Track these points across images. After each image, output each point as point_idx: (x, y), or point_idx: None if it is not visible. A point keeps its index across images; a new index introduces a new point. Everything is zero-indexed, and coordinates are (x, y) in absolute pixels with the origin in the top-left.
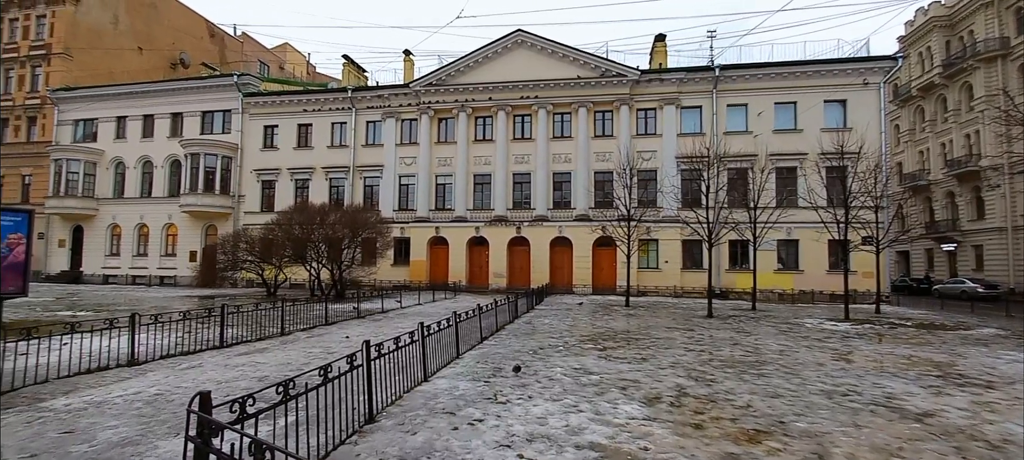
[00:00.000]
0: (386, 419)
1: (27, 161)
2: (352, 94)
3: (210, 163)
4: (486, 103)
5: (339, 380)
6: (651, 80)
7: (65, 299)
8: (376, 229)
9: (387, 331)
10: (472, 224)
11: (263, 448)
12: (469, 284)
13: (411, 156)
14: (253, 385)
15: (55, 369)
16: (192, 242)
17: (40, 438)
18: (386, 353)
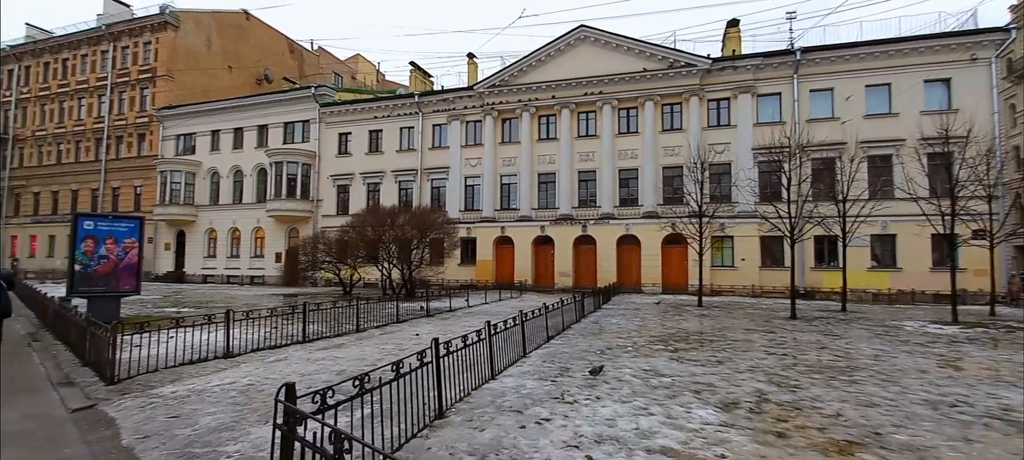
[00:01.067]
0: (455, 415)
1: (139, 173)
2: (419, 99)
3: (292, 170)
4: (549, 102)
5: (410, 376)
6: (724, 68)
7: (171, 297)
8: (443, 230)
9: (455, 329)
10: (537, 223)
11: (341, 438)
12: (535, 283)
13: (476, 157)
14: (332, 378)
15: (163, 360)
16: (277, 244)
17: (151, 421)
18: (454, 351)
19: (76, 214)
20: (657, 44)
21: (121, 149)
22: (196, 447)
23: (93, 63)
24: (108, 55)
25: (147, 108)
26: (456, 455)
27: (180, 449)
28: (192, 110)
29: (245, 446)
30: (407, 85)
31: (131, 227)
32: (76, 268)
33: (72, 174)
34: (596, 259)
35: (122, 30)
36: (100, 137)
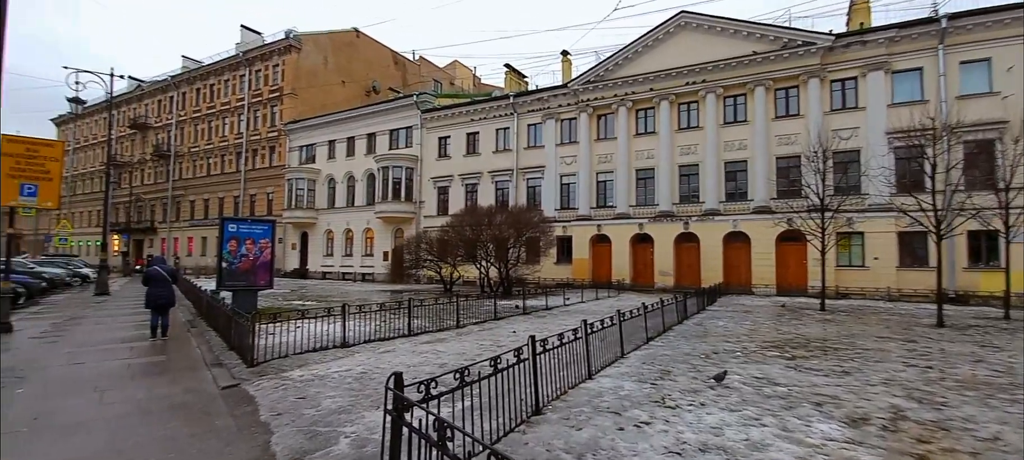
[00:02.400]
0: (552, 412)
1: (270, 181)
2: (513, 100)
3: (397, 174)
4: (647, 94)
5: (508, 372)
6: (849, 44)
7: (296, 291)
8: (539, 228)
9: (551, 327)
10: (635, 221)
11: (444, 426)
12: (633, 283)
13: (571, 155)
14: (435, 370)
15: (292, 347)
16: (385, 243)
17: (283, 401)
18: (550, 349)
19: (222, 218)
20: (769, 24)
21: (256, 160)
22: (319, 426)
23: (233, 86)
24: (245, 79)
25: (276, 123)
26: (553, 453)
27: (306, 427)
28: (312, 123)
29: (360, 428)
30: (502, 87)
31: (265, 229)
32: (223, 265)
33: (218, 184)
34: (699, 258)
35: (255, 56)
36: (239, 151)
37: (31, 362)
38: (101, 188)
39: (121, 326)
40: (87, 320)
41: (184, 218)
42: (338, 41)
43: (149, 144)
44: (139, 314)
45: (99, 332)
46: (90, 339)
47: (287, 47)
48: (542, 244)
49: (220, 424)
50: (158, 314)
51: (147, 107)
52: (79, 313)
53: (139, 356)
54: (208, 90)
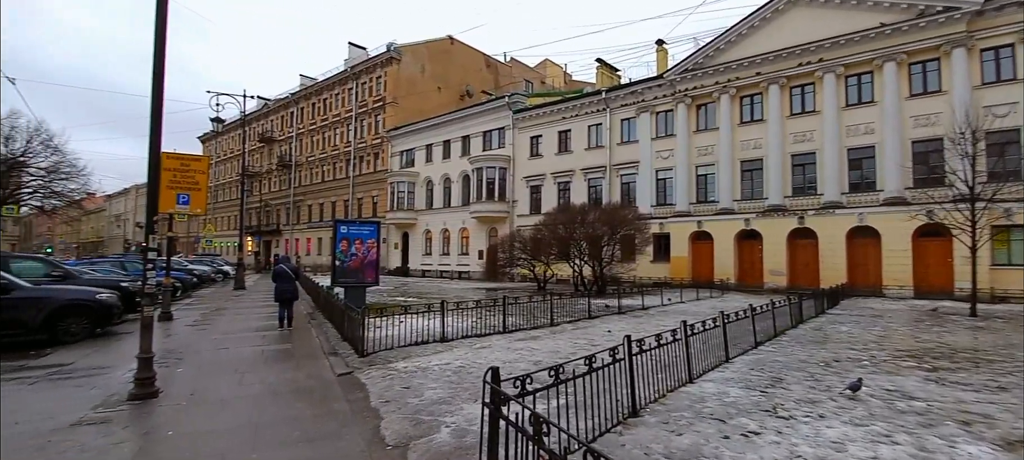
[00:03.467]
0: (649, 416)
1: (375, 185)
2: (606, 95)
3: (490, 175)
4: (753, 80)
5: (603, 371)
6: (1004, 6)
7: (399, 288)
8: (634, 226)
9: (648, 328)
10: (740, 216)
11: (540, 421)
12: (739, 282)
13: (667, 149)
14: (529, 367)
15: (396, 340)
16: (480, 242)
17: (390, 389)
18: (648, 349)
19: (335, 221)
20: None
21: (362, 166)
22: (423, 415)
23: (342, 99)
24: (352, 91)
25: (379, 131)
26: (652, 456)
27: (411, 415)
28: (411, 129)
29: (460, 419)
30: (594, 83)
31: (371, 230)
32: (336, 263)
33: (330, 189)
34: (817, 255)
35: (361, 69)
36: (348, 158)
37: (187, 346)
38: (237, 196)
39: (255, 317)
40: (228, 312)
41: (303, 221)
42: (434, 49)
43: (274, 155)
44: (269, 306)
45: (238, 322)
46: (231, 328)
47: (388, 59)
48: (638, 242)
49: (337, 407)
50: (284, 307)
51: (272, 122)
52: (222, 305)
53: (269, 344)
54: (322, 104)
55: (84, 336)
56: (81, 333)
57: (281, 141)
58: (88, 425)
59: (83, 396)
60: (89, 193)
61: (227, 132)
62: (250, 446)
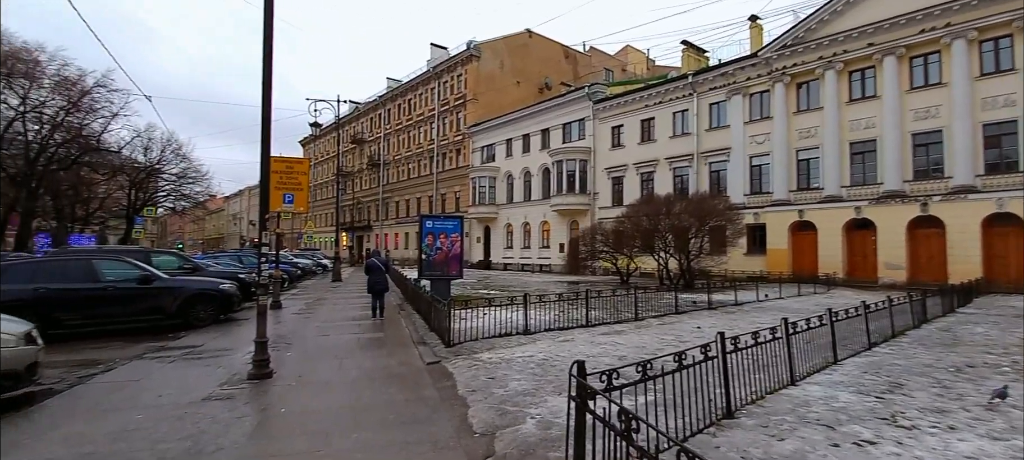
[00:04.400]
0: (746, 418)
1: (457, 181)
2: (692, 79)
3: (570, 167)
4: (864, 52)
5: (693, 369)
6: None
7: (482, 281)
8: (725, 216)
9: (742, 325)
10: (849, 204)
11: (629, 417)
12: (848, 277)
13: (763, 133)
14: (614, 362)
15: (480, 331)
16: (560, 235)
17: (476, 379)
18: (744, 348)
19: (421, 216)
20: None
21: (445, 163)
22: (508, 406)
23: (425, 99)
24: (435, 91)
25: (460, 128)
26: None
27: (497, 405)
28: (491, 124)
29: (544, 411)
30: (679, 67)
31: (455, 224)
32: (422, 257)
33: (415, 186)
34: (945, 247)
35: (443, 69)
36: (432, 155)
37: (294, 333)
38: (333, 194)
39: (351, 307)
40: (327, 302)
41: (392, 217)
42: (512, 44)
43: (365, 155)
44: (362, 298)
45: (336, 311)
46: (330, 317)
47: (468, 57)
48: (729, 234)
49: (427, 394)
50: (376, 298)
51: (363, 124)
52: (322, 296)
53: (364, 332)
54: (406, 104)
55: (210, 321)
56: (208, 319)
57: (371, 142)
58: (216, 400)
59: (211, 374)
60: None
61: (323, 135)
62: (351, 425)
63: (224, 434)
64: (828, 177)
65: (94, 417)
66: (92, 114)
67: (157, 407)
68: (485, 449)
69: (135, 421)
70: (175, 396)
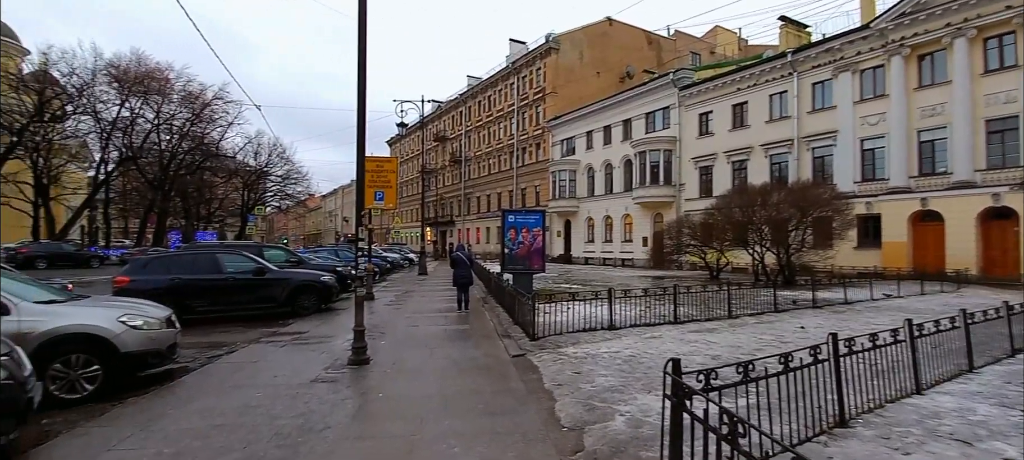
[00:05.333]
0: (863, 427)
1: (536, 175)
2: (792, 58)
3: (654, 158)
4: (1002, 15)
5: (801, 372)
6: None
7: (563, 275)
8: (831, 206)
9: (853, 326)
10: (985, 190)
11: (734, 420)
12: (982, 274)
13: (876, 113)
14: (707, 362)
15: (564, 326)
16: (644, 229)
17: (561, 373)
18: (859, 351)
19: (503, 211)
20: None
21: (525, 157)
22: (595, 401)
23: (505, 94)
24: (514, 86)
25: (540, 122)
26: None
27: (584, 400)
28: (570, 117)
29: (634, 409)
30: (776, 45)
31: (537, 218)
32: (505, 251)
33: (496, 181)
34: None
35: (521, 64)
36: (512, 150)
37: (386, 323)
38: (417, 191)
39: (437, 300)
40: (415, 294)
41: (473, 212)
42: (592, 34)
43: (447, 152)
44: (448, 291)
45: (424, 303)
46: (419, 308)
47: (547, 50)
48: (836, 225)
49: (513, 386)
50: (461, 291)
51: (445, 122)
52: (410, 288)
53: (450, 324)
54: (487, 101)
55: (313, 310)
56: (311, 308)
57: (452, 139)
58: (322, 383)
59: (316, 359)
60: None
61: (408, 135)
62: (442, 412)
63: (330, 414)
64: (957, 160)
65: (222, 393)
66: (211, 124)
67: (273, 386)
68: (574, 444)
69: (256, 398)
70: (287, 377)
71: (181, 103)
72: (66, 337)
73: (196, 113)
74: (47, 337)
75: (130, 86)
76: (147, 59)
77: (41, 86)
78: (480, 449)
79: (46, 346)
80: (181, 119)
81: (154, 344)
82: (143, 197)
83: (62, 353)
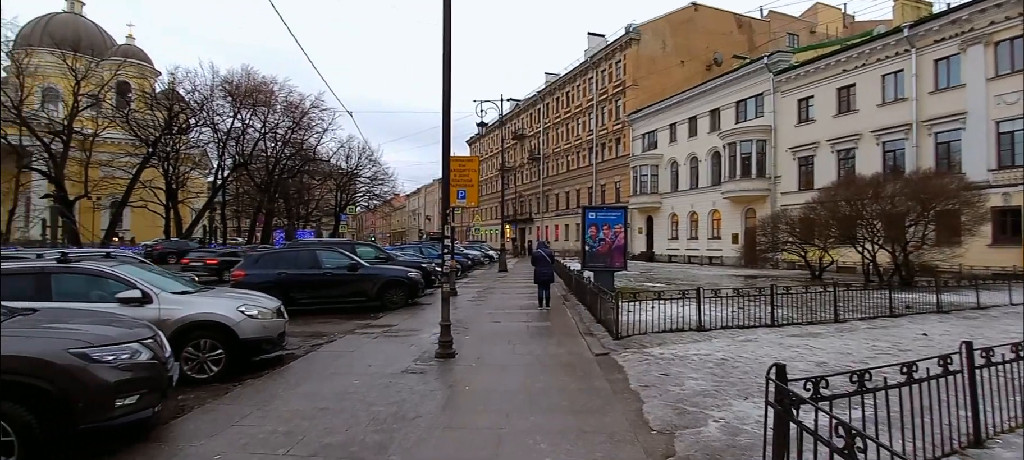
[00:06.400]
0: (1003, 449)
1: (616, 171)
2: (909, 33)
3: (745, 149)
4: None
5: (927, 384)
6: None
7: (645, 273)
8: (958, 198)
9: (988, 334)
10: None
11: (852, 433)
12: None
13: (1015, 91)
14: (811, 368)
15: (648, 325)
16: (733, 225)
17: (648, 374)
18: (999, 362)
19: (583, 208)
20: None
21: (604, 153)
22: (686, 405)
23: (583, 89)
24: (592, 80)
25: (620, 116)
26: None
27: (673, 403)
28: (652, 109)
29: (729, 416)
30: (889, 20)
31: (618, 215)
32: (585, 248)
33: (574, 178)
34: None
35: (600, 57)
36: (591, 146)
37: (469, 318)
38: (497, 189)
39: (518, 296)
40: (496, 291)
41: (552, 209)
42: (675, 21)
43: (525, 150)
44: (528, 288)
45: (505, 300)
46: (500, 304)
47: (627, 41)
48: (965, 220)
49: (597, 385)
50: (542, 288)
51: (523, 120)
52: (491, 285)
53: (532, 320)
54: (564, 97)
55: (401, 305)
56: (399, 302)
57: (530, 136)
58: (412, 374)
59: (405, 351)
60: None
61: (487, 134)
62: (527, 408)
63: (421, 404)
64: None
65: (324, 379)
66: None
67: (368, 375)
68: (665, 448)
69: (353, 385)
70: (380, 367)
71: (283, 112)
72: (197, 324)
73: (296, 121)
74: (182, 323)
75: (241, 99)
76: (255, 74)
77: (170, 102)
78: (567, 447)
79: (181, 331)
80: (284, 127)
81: (267, 332)
82: (252, 199)
83: (193, 338)
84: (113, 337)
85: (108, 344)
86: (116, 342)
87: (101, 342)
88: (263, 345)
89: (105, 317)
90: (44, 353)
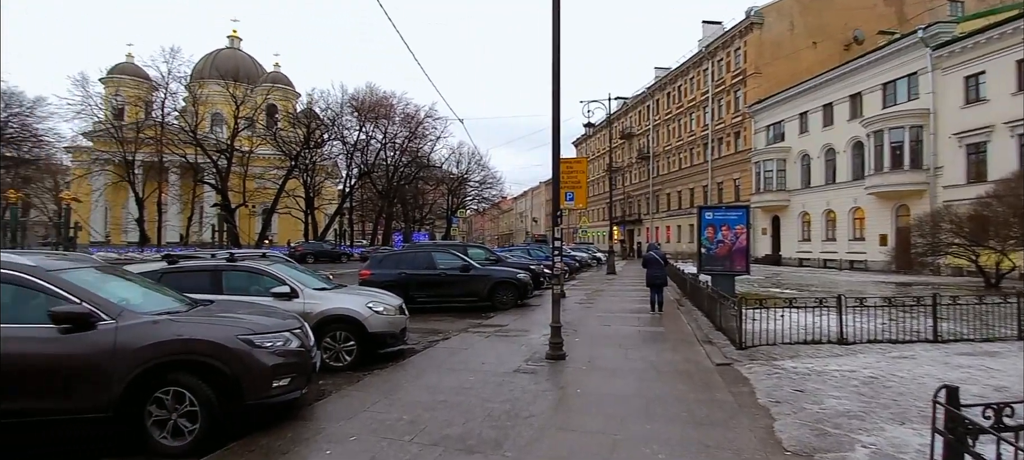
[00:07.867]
0: None
1: (736, 167)
2: None
3: (895, 137)
4: None
5: None
6: None
7: (771, 278)
8: None
9: None
10: None
11: None
12: None
13: None
14: (987, 393)
15: (778, 335)
16: (881, 225)
17: (779, 389)
18: None
19: (700, 207)
20: None
21: (721, 149)
22: (826, 426)
23: (697, 82)
24: (707, 72)
25: (740, 108)
26: None
27: (811, 423)
28: (779, 99)
29: (881, 441)
30: None
31: (739, 215)
32: (702, 251)
33: (688, 176)
34: None
35: (716, 46)
36: (706, 142)
37: (579, 321)
38: (604, 190)
39: (628, 300)
40: (605, 293)
41: (662, 210)
42: None
43: (634, 149)
44: (638, 291)
45: (615, 303)
46: (609, 307)
47: (747, 26)
48: None
49: (720, 397)
50: (655, 292)
51: (631, 119)
52: (599, 287)
53: (644, 325)
54: (676, 92)
55: (511, 305)
56: (509, 303)
57: (639, 135)
58: (523, 374)
59: (517, 351)
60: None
61: (594, 134)
62: (643, 415)
63: (533, 403)
64: None
65: (442, 373)
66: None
67: (482, 372)
68: None
69: (469, 381)
70: (493, 366)
71: (401, 123)
72: (334, 317)
73: (412, 131)
74: (322, 316)
75: (365, 113)
76: (377, 89)
77: (308, 120)
78: None
79: (320, 324)
80: (401, 137)
81: (391, 327)
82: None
83: (330, 330)
84: (270, 326)
85: (267, 332)
86: (273, 331)
87: (261, 330)
88: (388, 339)
89: (262, 309)
90: (221, 338)
